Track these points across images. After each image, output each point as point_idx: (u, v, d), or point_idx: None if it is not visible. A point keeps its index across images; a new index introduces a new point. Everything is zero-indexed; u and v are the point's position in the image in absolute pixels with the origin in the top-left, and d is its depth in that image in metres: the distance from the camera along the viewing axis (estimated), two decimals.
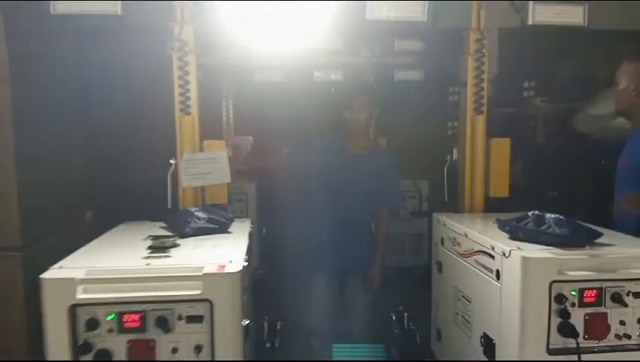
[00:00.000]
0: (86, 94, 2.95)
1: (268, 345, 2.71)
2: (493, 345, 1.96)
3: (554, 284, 1.77)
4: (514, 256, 1.82)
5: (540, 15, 2.78)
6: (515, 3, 2.88)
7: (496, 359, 1.93)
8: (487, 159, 2.80)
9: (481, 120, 2.80)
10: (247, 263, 1.75)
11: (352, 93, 3.23)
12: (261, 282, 3.79)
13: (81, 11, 2.47)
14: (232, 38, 2.86)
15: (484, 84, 2.80)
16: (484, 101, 2.80)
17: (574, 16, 2.79)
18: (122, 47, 2.84)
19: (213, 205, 2.51)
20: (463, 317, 2.26)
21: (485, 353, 2.02)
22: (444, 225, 2.48)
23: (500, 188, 2.81)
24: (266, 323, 2.78)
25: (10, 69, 2.46)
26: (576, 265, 1.79)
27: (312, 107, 5.48)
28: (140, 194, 3.06)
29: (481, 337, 2.05)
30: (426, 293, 2.70)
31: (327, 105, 5.09)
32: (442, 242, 2.51)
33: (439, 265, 2.55)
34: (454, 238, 2.35)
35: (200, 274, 1.61)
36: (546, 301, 1.77)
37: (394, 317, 2.94)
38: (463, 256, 2.25)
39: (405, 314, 2.93)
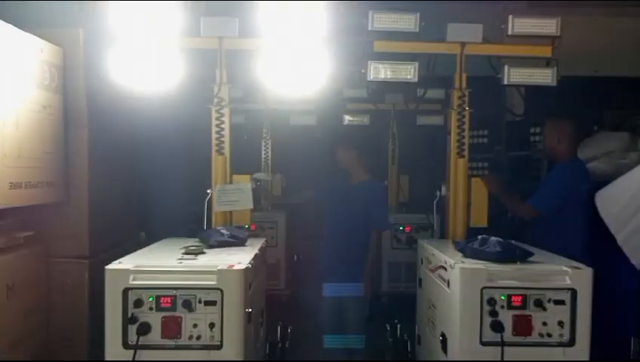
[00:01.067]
0: (143, 138, 3.70)
1: (280, 345, 3.27)
2: (446, 340, 2.46)
3: (485, 290, 2.28)
4: (456, 267, 2.35)
5: (515, 76, 3.32)
6: (495, 65, 3.44)
7: (448, 351, 2.43)
8: (468, 195, 3.33)
9: (462, 162, 3.33)
10: (250, 265, 2.35)
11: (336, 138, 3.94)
12: (285, 299, 4.40)
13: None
14: (268, 87, 3.43)
15: (465, 133, 3.35)
16: (465, 147, 3.34)
17: (545, 77, 3.32)
18: (170, 103, 3.56)
19: (237, 226, 3.14)
20: (431, 321, 2.77)
21: (442, 348, 2.52)
22: (423, 247, 3.02)
23: (479, 219, 3.31)
24: (279, 327, 3.34)
25: (87, 118, 3.24)
26: (504, 275, 2.30)
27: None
28: (183, 217, 3.73)
29: (440, 335, 2.55)
30: None
31: (354, 145, 5.78)
32: (422, 262, 3.04)
33: (420, 281, 3.07)
34: (428, 258, 2.88)
35: (215, 270, 2.23)
36: (478, 303, 2.28)
37: (388, 328, 3.44)
38: (432, 271, 2.78)
39: (398, 326, 3.43)
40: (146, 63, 3.11)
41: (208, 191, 3.27)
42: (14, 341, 2.82)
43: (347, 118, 5.81)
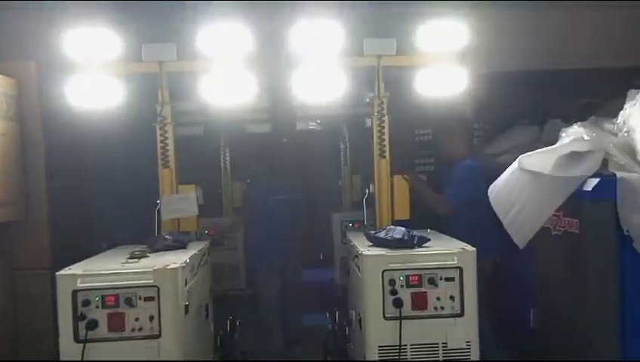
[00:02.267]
0: (98, 157, 4.06)
1: (229, 336, 3.63)
2: (361, 319, 2.84)
3: (386, 272, 2.67)
4: (362, 254, 2.73)
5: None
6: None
7: (362, 328, 2.80)
8: (391, 191, 3.71)
9: (384, 162, 3.71)
10: (184, 265, 2.71)
11: None
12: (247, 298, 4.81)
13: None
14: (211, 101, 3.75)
15: (385, 136, 3.72)
16: (386, 148, 3.71)
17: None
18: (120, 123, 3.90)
19: (183, 232, 3.49)
20: (354, 304, 3.14)
21: (359, 326, 2.90)
22: (349, 239, 3.40)
23: (402, 213, 3.67)
24: (228, 321, 3.70)
25: (43, 142, 3.58)
26: (401, 259, 2.69)
27: (294, 151, 6.59)
28: (138, 225, 4.04)
29: (357, 315, 2.93)
30: None
31: (307, 149, 6.19)
32: (349, 253, 3.42)
33: (348, 270, 3.45)
34: (351, 249, 3.26)
35: (151, 270, 2.59)
36: (380, 284, 2.66)
37: (327, 315, 3.82)
38: (352, 260, 3.16)
39: (337, 313, 3.80)
40: (94, 88, 3.45)
41: (158, 201, 3.61)
42: None
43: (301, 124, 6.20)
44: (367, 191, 3.87)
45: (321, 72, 3.67)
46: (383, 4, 4.25)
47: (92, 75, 3.45)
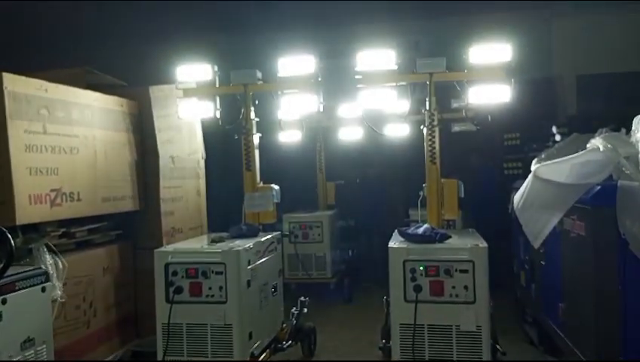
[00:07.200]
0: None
1: (297, 311, 4.30)
2: (389, 301, 3.36)
3: (407, 262, 3.16)
4: (389, 247, 3.25)
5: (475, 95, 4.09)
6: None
7: (390, 308, 3.31)
8: (442, 193, 4.13)
9: (434, 168, 4.13)
10: (247, 249, 3.43)
11: None
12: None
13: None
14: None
15: (436, 145, 4.14)
16: (437, 155, 4.14)
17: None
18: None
19: (261, 223, 4.23)
20: None
21: (386, 307, 3.41)
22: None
23: (451, 213, 4.09)
24: (299, 301, 4.37)
25: (158, 148, 4.51)
26: (419, 251, 3.16)
27: (382, 155, 7.20)
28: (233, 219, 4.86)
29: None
30: None
31: (394, 153, 6.77)
32: None
33: None
34: None
35: (220, 251, 3.34)
36: (402, 271, 3.16)
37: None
38: None
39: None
40: (194, 106, 4.34)
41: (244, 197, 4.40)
42: (109, 306, 4.14)
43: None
44: (421, 193, 4.31)
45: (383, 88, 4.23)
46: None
47: (193, 96, 4.34)
